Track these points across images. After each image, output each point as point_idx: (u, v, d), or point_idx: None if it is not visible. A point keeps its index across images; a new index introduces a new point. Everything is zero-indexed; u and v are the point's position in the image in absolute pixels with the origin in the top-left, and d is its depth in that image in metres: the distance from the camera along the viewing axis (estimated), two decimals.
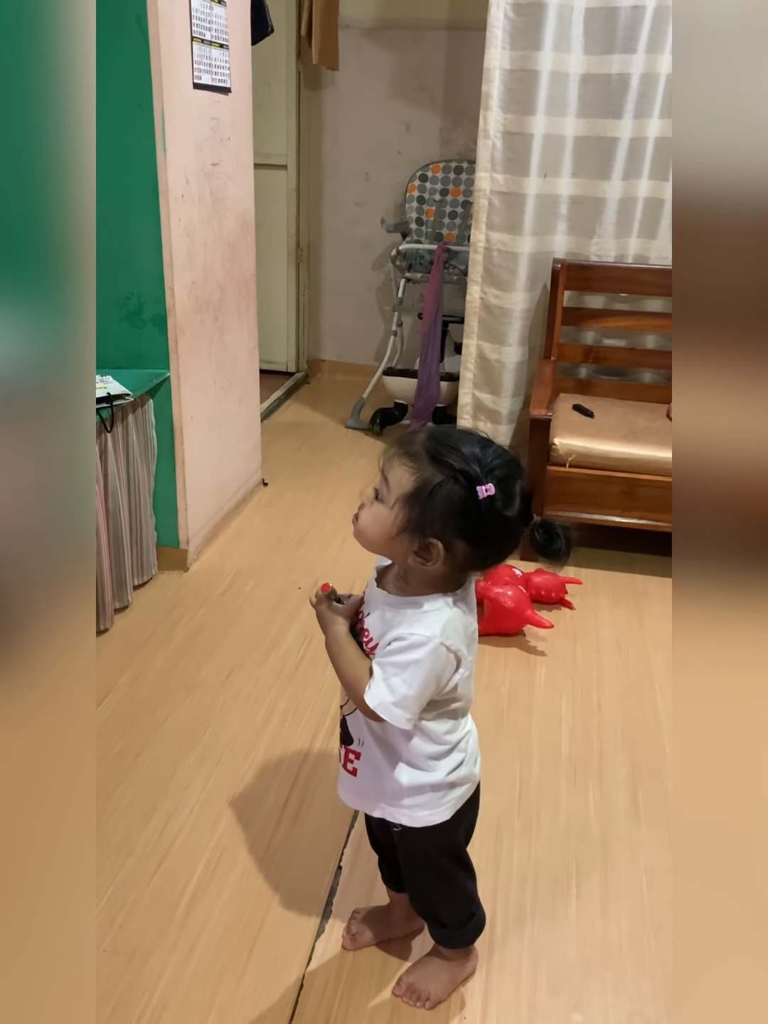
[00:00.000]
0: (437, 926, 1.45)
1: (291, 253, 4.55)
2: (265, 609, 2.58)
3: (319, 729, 2.08)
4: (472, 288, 3.27)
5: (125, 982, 1.47)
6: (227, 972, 1.49)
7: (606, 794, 1.91)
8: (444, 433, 1.17)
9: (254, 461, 3.32)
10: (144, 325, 2.50)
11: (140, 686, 2.22)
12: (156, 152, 2.32)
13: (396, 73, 4.26)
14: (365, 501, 1.20)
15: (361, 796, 1.36)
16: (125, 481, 2.46)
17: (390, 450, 1.18)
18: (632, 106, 3.00)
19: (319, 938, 1.56)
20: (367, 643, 1.25)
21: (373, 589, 1.28)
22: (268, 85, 4.13)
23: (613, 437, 2.84)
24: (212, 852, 1.73)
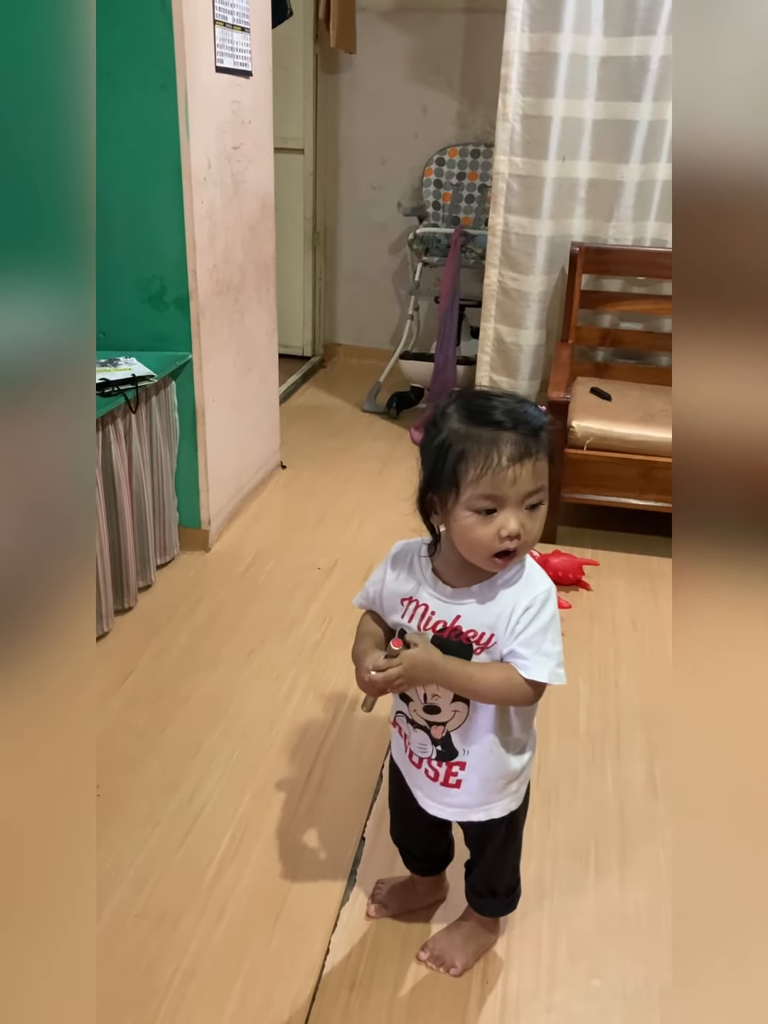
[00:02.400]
0: (490, 896, 1.48)
1: (308, 237, 4.56)
2: (285, 588, 2.62)
3: (340, 705, 2.12)
4: (490, 271, 3.28)
5: (155, 945, 1.51)
6: (255, 937, 1.53)
7: (623, 769, 1.94)
8: (508, 410, 1.13)
9: (273, 443, 3.34)
10: (167, 307, 2.53)
11: (164, 662, 2.26)
12: (179, 135, 2.34)
13: (413, 56, 4.26)
14: (518, 519, 1.12)
15: (465, 806, 1.34)
16: (148, 462, 2.49)
17: (520, 456, 1.11)
18: (651, 89, 3.00)
19: (344, 906, 1.60)
20: (478, 640, 1.21)
21: (436, 591, 1.23)
22: (285, 68, 4.14)
23: (630, 420, 2.86)
24: (238, 823, 1.77)
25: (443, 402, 1.18)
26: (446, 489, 1.14)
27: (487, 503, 1.12)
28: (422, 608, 1.24)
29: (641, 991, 1.47)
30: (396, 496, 3.24)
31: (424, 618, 1.24)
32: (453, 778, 1.32)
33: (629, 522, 2.98)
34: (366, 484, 3.34)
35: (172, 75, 2.28)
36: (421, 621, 1.24)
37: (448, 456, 1.13)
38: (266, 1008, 1.42)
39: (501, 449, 1.10)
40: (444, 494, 1.15)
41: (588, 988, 1.47)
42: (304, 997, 1.44)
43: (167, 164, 2.37)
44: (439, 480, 1.15)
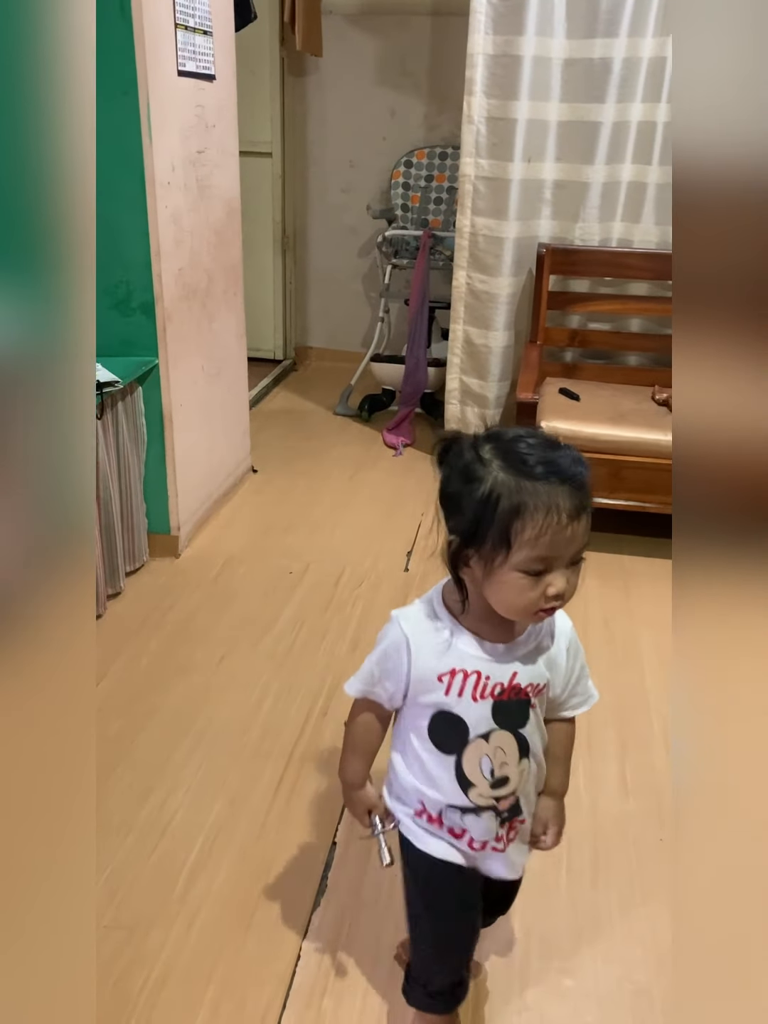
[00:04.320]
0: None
1: (277, 240, 4.56)
2: (257, 594, 2.60)
3: (312, 710, 2.11)
4: (458, 273, 3.29)
5: (126, 956, 1.50)
6: (226, 945, 1.53)
7: (595, 769, 1.95)
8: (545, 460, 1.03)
9: (243, 448, 3.33)
10: (133, 313, 2.51)
11: (135, 670, 2.24)
12: (142, 139, 2.33)
13: (380, 59, 4.26)
14: (565, 576, 1.04)
15: (520, 854, 1.26)
16: (115, 468, 2.48)
17: (577, 513, 1.02)
18: (615, 90, 3.02)
19: (315, 911, 1.59)
20: (535, 691, 1.15)
21: (485, 653, 1.11)
22: (252, 72, 4.13)
23: (599, 420, 2.87)
24: (209, 830, 1.76)
25: (470, 443, 1.06)
26: (494, 548, 1.02)
27: (540, 564, 1.02)
28: (472, 677, 1.11)
29: (614, 991, 1.47)
30: (369, 499, 3.24)
31: (478, 687, 1.12)
32: (513, 832, 1.21)
33: (600, 521, 2.97)
34: (339, 487, 3.34)
35: (134, 79, 2.26)
36: (475, 691, 1.12)
37: (497, 512, 1.00)
38: (238, 1016, 1.41)
39: (560, 507, 1.00)
40: (490, 553, 1.02)
41: (561, 988, 1.47)
42: (276, 1004, 1.43)
43: (130, 169, 2.36)
44: (483, 537, 1.02)
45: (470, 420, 3.46)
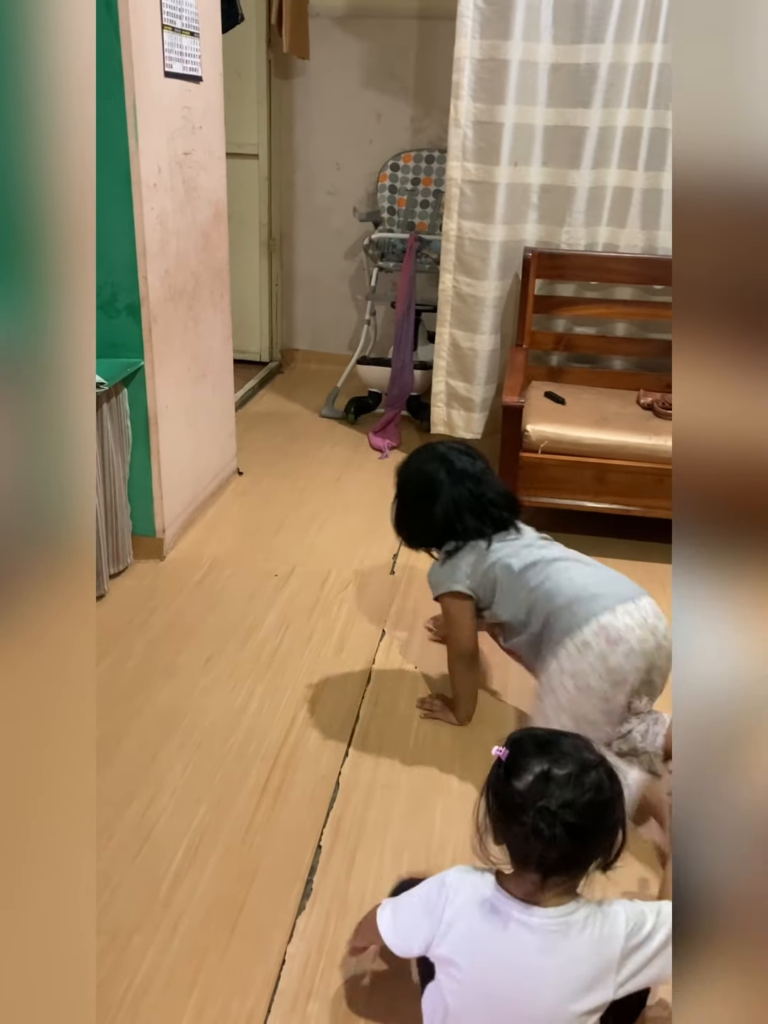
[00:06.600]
0: None
1: (263, 243, 4.55)
2: (242, 597, 2.60)
3: (298, 713, 2.11)
4: (444, 277, 3.29)
5: (108, 961, 1.49)
6: (210, 950, 1.52)
7: None
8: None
9: (229, 450, 3.32)
10: (118, 314, 2.50)
11: (119, 673, 2.23)
12: (128, 141, 2.32)
13: (367, 62, 4.26)
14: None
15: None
16: (100, 470, 2.47)
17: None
18: (601, 95, 3.03)
19: (300, 915, 1.59)
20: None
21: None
22: (239, 74, 4.12)
23: (585, 423, 2.88)
24: (193, 834, 1.75)
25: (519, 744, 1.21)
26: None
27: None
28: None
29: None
30: (355, 502, 3.24)
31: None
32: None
33: (585, 524, 3.00)
34: (324, 490, 3.34)
35: (120, 80, 2.26)
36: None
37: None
38: (222, 1021, 1.41)
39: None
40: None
41: None
42: (261, 1009, 1.43)
43: (116, 170, 2.35)
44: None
45: (456, 423, 3.46)
